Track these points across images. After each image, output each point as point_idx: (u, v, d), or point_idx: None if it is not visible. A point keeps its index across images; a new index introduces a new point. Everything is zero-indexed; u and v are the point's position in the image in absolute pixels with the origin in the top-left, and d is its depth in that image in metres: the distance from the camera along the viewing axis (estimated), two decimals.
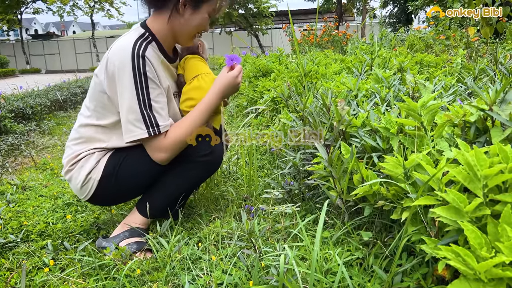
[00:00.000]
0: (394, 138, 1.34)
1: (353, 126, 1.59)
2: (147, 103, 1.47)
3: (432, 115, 1.29)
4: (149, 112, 1.48)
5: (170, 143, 1.53)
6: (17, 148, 3.68)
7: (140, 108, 1.46)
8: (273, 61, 4.03)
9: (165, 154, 1.54)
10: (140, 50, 1.47)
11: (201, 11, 1.58)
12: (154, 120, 1.49)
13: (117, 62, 1.46)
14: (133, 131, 1.48)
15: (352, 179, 1.41)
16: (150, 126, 1.48)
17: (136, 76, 1.45)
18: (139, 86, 1.46)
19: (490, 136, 1.12)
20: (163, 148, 1.53)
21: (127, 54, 1.45)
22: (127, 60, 1.45)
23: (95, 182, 1.61)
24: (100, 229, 1.87)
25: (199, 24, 1.61)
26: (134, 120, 1.47)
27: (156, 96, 1.51)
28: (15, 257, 1.63)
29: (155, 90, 1.50)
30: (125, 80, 1.45)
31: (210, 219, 1.81)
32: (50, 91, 6.13)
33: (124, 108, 1.48)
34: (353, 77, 2.62)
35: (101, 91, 1.55)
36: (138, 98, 1.46)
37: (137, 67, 1.45)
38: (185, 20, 1.59)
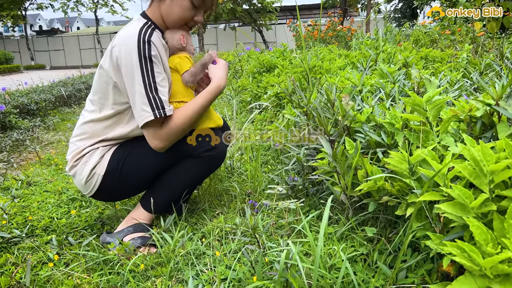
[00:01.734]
0: (399, 133, 1.33)
1: (358, 122, 1.59)
2: (153, 87, 1.47)
3: (437, 110, 1.28)
4: (155, 95, 1.48)
5: (173, 130, 1.53)
6: (22, 144, 3.69)
7: (146, 91, 1.46)
8: (277, 56, 4.01)
9: (166, 142, 1.54)
10: (146, 36, 1.49)
11: None
12: (160, 103, 1.48)
13: (123, 48, 1.47)
14: (142, 116, 1.48)
15: (356, 175, 1.40)
16: (156, 109, 1.48)
17: (142, 60, 1.46)
18: (145, 70, 1.46)
19: (496, 131, 1.11)
20: (166, 135, 1.52)
21: (133, 40, 1.46)
22: (133, 46, 1.45)
23: (99, 177, 1.61)
24: (104, 224, 1.88)
25: (181, 12, 1.58)
26: (143, 103, 1.47)
27: (161, 81, 1.51)
28: (20, 252, 1.64)
29: (160, 75, 1.51)
30: (132, 65, 1.45)
31: (214, 215, 1.81)
32: (54, 87, 6.14)
33: (133, 93, 1.48)
34: (357, 72, 2.60)
35: (106, 81, 1.55)
36: (144, 82, 1.46)
37: (143, 52, 1.46)
38: (167, 6, 1.58)
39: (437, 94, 1.27)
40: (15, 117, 4.14)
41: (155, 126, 1.50)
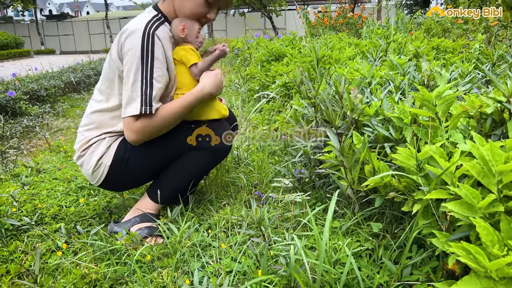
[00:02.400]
0: (408, 128, 1.32)
1: (366, 115, 1.57)
2: (148, 81, 1.48)
3: (447, 105, 1.26)
4: (148, 90, 1.48)
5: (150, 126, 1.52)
6: (32, 130, 3.72)
7: (141, 84, 1.47)
8: (287, 44, 3.98)
9: (141, 136, 1.53)
10: (152, 29, 1.49)
11: None
12: (149, 100, 1.49)
13: (128, 39, 1.48)
14: (129, 107, 1.49)
15: (363, 170, 1.39)
16: (143, 104, 1.48)
17: (143, 54, 1.46)
18: (144, 63, 1.47)
19: (507, 128, 1.09)
20: (140, 130, 1.51)
21: (138, 32, 1.47)
22: (137, 38, 1.46)
23: (106, 168, 1.63)
24: (112, 213, 1.90)
25: (194, 8, 1.58)
26: (134, 95, 1.48)
27: (159, 76, 1.51)
28: (29, 239, 1.67)
29: (159, 70, 1.50)
30: (134, 57, 1.46)
31: (220, 206, 1.82)
32: (64, 73, 6.16)
33: (129, 83, 1.49)
34: (367, 63, 2.57)
35: (113, 71, 1.56)
36: (142, 75, 1.47)
37: (146, 46, 1.47)
38: (180, 1, 1.59)
39: (447, 89, 1.25)
40: (25, 103, 4.17)
41: (134, 119, 1.50)
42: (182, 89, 1.62)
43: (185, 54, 1.60)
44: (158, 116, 1.52)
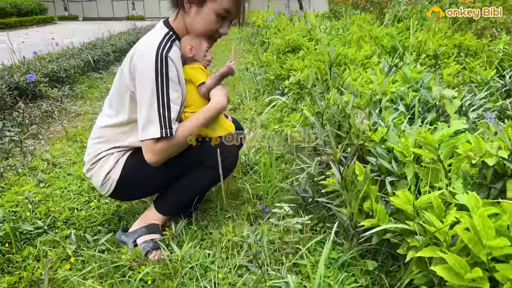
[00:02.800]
0: (410, 166, 1.31)
1: (372, 141, 1.56)
2: (166, 104, 1.48)
3: (450, 149, 1.24)
4: (166, 113, 1.49)
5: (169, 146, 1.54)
6: (51, 115, 3.81)
7: (158, 108, 1.48)
8: (304, 35, 3.89)
9: (160, 157, 1.55)
10: (164, 51, 1.48)
11: (204, 9, 1.54)
12: (169, 122, 1.50)
13: (141, 61, 1.47)
14: (147, 130, 1.50)
15: (364, 201, 1.40)
16: (163, 127, 1.49)
17: (158, 76, 1.46)
18: (160, 87, 1.47)
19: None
20: (159, 151, 1.53)
21: (151, 54, 1.46)
22: (151, 60, 1.46)
23: (114, 181, 1.67)
24: (121, 219, 1.96)
25: (205, 25, 1.57)
26: (152, 119, 1.48)
27: (175, 98, 1.52)
28: (41, 245, 1.74)
29: (175, 92, 1.51)
30: (148, 78, 1.46)
31: (224, 218, 1.86)
32: (84, 50, 6.21)
33: (143, 106, 1.49)
34: (384, 67, 2.51)
35: (125, 88, 1.57)
36: (158, 98, 1.47)
37: (160, 68, 1.46)
38: (192, 19, 1.58)
39: (451, 133, 1.23)
40: (45, 86, 4.25)
41: (154, 142, 1.52)
42: (190, 107, 1.63)
43: (194, 74, 1.60)
44: (178, 136, 1.54)
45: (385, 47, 3.39)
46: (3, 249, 1.71)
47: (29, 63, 4.86)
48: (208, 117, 1.59)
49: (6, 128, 3.24)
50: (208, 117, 1.59)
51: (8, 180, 2.40)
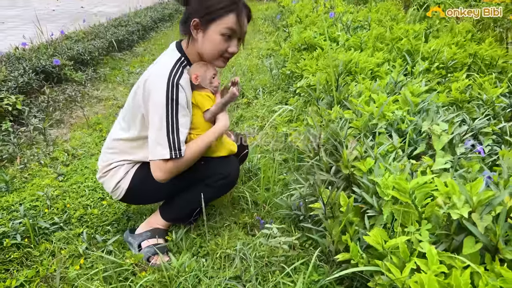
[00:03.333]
0: (387, 205, 1.40)
1: (360, 170, 1.65)
2: (175, 128, 1.61)
3: (424, 194, 1.33)
4: (175, 136, 1.62)
5: (178, 166, 1.67)
6: (74, 100, 3.99)
7: (168, 131, 1.60)
8: (321, 32, 3.90)
9: (169, 175, 1.68)
10: (176, 78, 1.60)
11: (209, 32, 1.63)
12: (178, 144, 1.63)
13: (154, 86, 1.59)
14: (157, 151, 1.63)
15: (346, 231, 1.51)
16: (173, 149, 1.62)
17: (169, 102, 1.58)
18: (169, 111, 1.59)
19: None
20: (169, 170, 1.66)
21: (163, 81, 1.58)
22: (163, 87, 1.57)
23: (123, 191, 1.83)
24: (129, 219, 2.13)
25: (214, 46, 1.66)
26: (161, 140, 1.61)
27: (184, 122, 1.65)
28: (57, 243, 1.93)
29: (184, 117, 1.64)
30: (159, 103, 1.58)
31: (223, 227, 2.00)
32: (109, 29, 6.34)
33: (154, 129, 1.62)
34: (393, 77, 2.55)
35: (137, 108, 1.69)
36: (168, 122, 1.60)
37: (171, 94, 1.58)
38: (201, 44, 1.68)
39: (427, 180, 1.31)
40: (70, 70, 4.43)
41: (164, 162, 1.64)
42: (196, 129, 1.75)
43: (201, 100, 1.71)
44: (186, 156, 1.66)
45: (401, 49, 3.39)
46: (23, 243, 1.91)
47: (56, 43, 5.04)
48: (213, 139, 1.72)
49: (32, 114, 3.45)
50: (213, 139, 1.72)
51: (32, 171, 2.61)
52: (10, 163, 2.73)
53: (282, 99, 3.58)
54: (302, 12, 5.77)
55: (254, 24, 8.18)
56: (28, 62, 4.18)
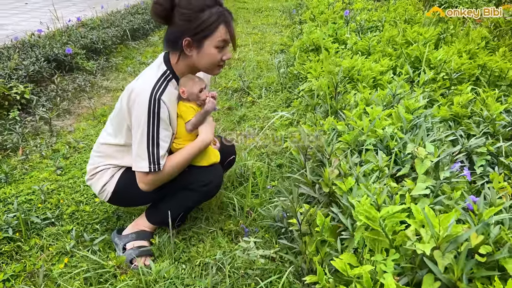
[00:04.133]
0: (359, 230, 1.40)
1: (341, 189, 1.64)
2: (155, 142, 1.65)
3: (394, 223, 1.32)
4: (155, 150, 1.66)
5: (159, 178, 1.73)
6: (83, 90, 4.06)
7: (148, 145, 1.65)
8: (330, 33, 3.83)
9: (151, 187, 1.75)
10: (158, 94, 1.62)
11: (204, 48, 1.66)
12: (157, 159, 1.67)
13: (137, 99, 1.62)
14: (138, 163, 1.69)
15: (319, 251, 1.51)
16: (152, 163, 1.67)
17: (150, 117, 1.62)
18: (151, 126, 1.63)
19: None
20: (151, 182, 1.73)
21: (146, 96, 1.61)
22: (145, 101, 1.61)
23: (109, 193, 1.87)
24: (119, 218, 2.18)
25: (210, 58, 1.68)
26: (142, 154, 1.66)
27: (165, 136, 1.68)
28: (47, 238, 1.99)
29: (165, 131, 1.67)
30: (141, 118, 1.62)
31: (207, 233, 2.02)
32: (126, 16, 6.39)
33: (136, 142, 1.67)
34: (401, 77, 2.51)
35: (123, 117, 1.73)
36: (148, 136, 1.64)
37: (153, 109, 1.61)
38: (196, 59, 1.70)
39: (399, 210, 1.30)
40: (82, 58, 4.49)
41: (145, 174, 1.70)
42: (180, 139, 1.78)
43: (185, 111, 1.74)
44: (167, 169, 1.72)
45: (410, 56, 3.32)
46: (14, 236, 1.97)
47: (71, 30, 5.10)
48: (192, 153, 1.75)
49: (40, 103, 3.52)
50: (192, 153, 1.75)
51: (32, 162, 2.68)
52: (14, 152, 2.81)
53: (286, 100, 3.57)
54: (317, 8, 5.69)
55: (271, 16, 8.10)
56: (41, 49, 4.25)
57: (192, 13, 1.58)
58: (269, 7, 9.10)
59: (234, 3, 9.72)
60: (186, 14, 1.58)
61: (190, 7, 1.58)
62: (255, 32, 6.70)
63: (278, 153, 2.75)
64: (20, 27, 5.93)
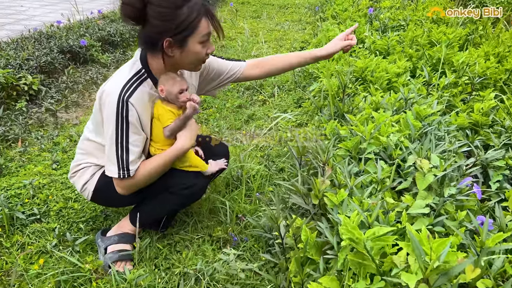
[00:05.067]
0: (343, 251, 1.24)
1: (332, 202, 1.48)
2: (124, 147, 1.55)
3: (381, 246, 1.16)
4: (124, 155, 1.56)
5: (133, 184, 1.63)
6: (95, 82, 4.02)
7: (117, 150, 1.55)
8: None
9: (126, 191, 1.65)
10: (126, 95, 1.51)
11: (189, 47, 1.53)
12: (126, 164, 1.57)
13: (106, 101, 1.52)
14: (109, 167, 1.60)
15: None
16: (121, 169, 1.57)
17: (118, 120, 1.51)
18: (119, 129, 1.52)
19: None
20: (126, 187, 1.63)
21: (114, 97, 1.50)
22: (113, 104, 1.50)
23: (90, 192, 1.78)
24: (107, 218, 2.09)
25: (196, 56, 1.57)
26: (112, 158, 1.57)
27: (135, 141, 1.57)
28: (30, 235, 1.92)
29: (134, 135, 1.56)
30: (110, 121, 1.52)
31: (194, 240, 1.91)
32: None
33: (107, 144, 1.58)
34: (418, 80, 2.32)
35: (98, 117, 1.63)
36: (117, 140, 1.53)
37: (121, 112, 1.50)
38: (179, 58, 1.58)
39: (389, 231, 1.14)
40: (97, 51, 4.46)
41: (119, 179, 1.60)
42: (158, 143, 1.66)
43: (163, 114, 1.60)
44: (140, 175, 1.61)
45: (432, 57, 3.10)
46: None
47: (89, 23, 5.10)
48: (168, 161, 1.63)
49: (49, 94, 3.49)
50: (168, 161, 1.63)
51: (30, 155, 2.63)
52: (15, 144, 2.78)
53: (298, 100, 3.41)
54: (341, 5, 5.47)
55: (296, 13, 7.92)
56: (57, 40, 4.25)
57: (170, 11, 1.43)
58: (295, 4, 8.90)
59: None
60: (163, 13, 1.43)
61: (165, 5, 1.42)
62: (277, 29, 6.54)
63: (282, 155, 2.60)
64: (47, 19, 5.98)
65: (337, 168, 1.59)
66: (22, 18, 6.20)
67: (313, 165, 1.77)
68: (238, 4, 8.69)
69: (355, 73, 2.68)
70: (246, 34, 5.56)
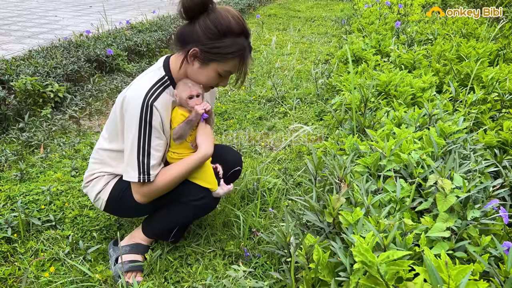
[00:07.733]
0: (356, 274, 1.18)
1: (347, 221, 1.42)
2: (146, 151, 1.53)
3: (395, 270, 1.08)
4: (146, 160, 1.54)
5: (152, 190, 1.60)
6: (119, 91, 4.07)
7: (138, 154, 1.53)
8: (373, 44, 3.56)
9: (145, 198, 1.63)
10: (151, 99, 1.51)
11: (208, 68, 1.56)
12: (147, 168, 1.55)
13: (130, 105, 1.52)
14: (128, 172, 1.57)
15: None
16: (142, 173, 1.55)
17: (141, 124, 1.51)
18: (142, 133, 1.52)
19: None
20: (146, 194, 1.61)
21: (138, 101, 1.50)
22: (137, 107, 1.50)
23: (103, 201, 1.77)
24: (120, 227, 2.07)
25: (207, 79, 1.59)
26: (131, 163, 1.55)
27: (157, 145, 1.56)
28: (44, 242, 1.92)
29: (157, 139, 1.55)
30: (132, 124, 1.51)
31: (206, 253, 1.87)
32: (175, 21, 6.45)
33: (127, 149, 1.56)
34: (445, 96, 2.23)
35: (117, 123, 1.63)
36: (139, 145, 1.53)
37: (144, 116, 1.50)
38: (194, 71, 1.58)
39: (404, 255, 1.07)
40: (123, 60, 4.54)
41: (139, 184, 1.58)
42: (171, 147, 1.65)
43: (174, 117, 1.61)
44: (160, 181, 1.59)
45: (460, 72, 3.00)
46: (12, 237, 1.93)
47: (117, 33, 5.20)
48: (190, 168, 1.61)
49: (74, 102, 3.56)
50: (190, 168, 1.61)
51: (51, 161, 2.67)
52: (38, 150, 2.83)
53: (319, 113, 3.35)
54: (368, 18, 5.40)
55: (322, 26, 7.88)
56: (85, 50, 4.34)
57: (215, 32, 1.47)
58: (322, 17, 8.88)
59: (287, 11, 9.59)
60: (209, 29, 1.47)
61: (216, 25, 1.46)
62: (303, 41, 6.51)
63: (300, 169, 2.54)
64: (79, 29, 6.15)
65: (354, 185, 1.52)
66: (55, 27, 6.40)
67: (329, 181, 1.71)
68: (265, 16, 8.73)
69: (378, 87, 2.61)
70: (273, 46, 5.56)
